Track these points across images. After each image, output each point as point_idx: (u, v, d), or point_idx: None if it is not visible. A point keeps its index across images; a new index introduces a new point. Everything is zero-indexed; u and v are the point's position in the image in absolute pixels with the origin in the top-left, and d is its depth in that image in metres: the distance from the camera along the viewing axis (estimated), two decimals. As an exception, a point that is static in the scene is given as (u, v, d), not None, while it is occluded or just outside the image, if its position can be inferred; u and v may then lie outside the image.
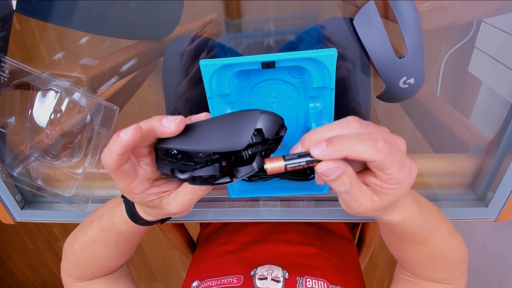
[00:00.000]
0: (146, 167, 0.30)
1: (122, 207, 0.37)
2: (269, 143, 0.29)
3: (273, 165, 0.27)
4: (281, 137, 0.30)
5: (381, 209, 0.28)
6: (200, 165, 0.28)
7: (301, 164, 0.26)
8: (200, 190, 0.32)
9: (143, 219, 0.36)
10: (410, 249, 0.38)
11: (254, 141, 0.27)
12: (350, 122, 0.26)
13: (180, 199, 0.32)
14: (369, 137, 0.24)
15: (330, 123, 0.27)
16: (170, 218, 0.40)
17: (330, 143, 0.24)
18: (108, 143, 0.26)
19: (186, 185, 0.32)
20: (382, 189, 0.26)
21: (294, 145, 0.40)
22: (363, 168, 0.29)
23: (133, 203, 0.37)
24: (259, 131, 0.27)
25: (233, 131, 0.27)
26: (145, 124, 0.27)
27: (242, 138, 0.27)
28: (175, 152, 0.28)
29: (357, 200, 0.27)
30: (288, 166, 0.26)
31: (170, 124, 0.27)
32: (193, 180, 0.29)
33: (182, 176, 0.28)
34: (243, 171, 0.29)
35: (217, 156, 0.27)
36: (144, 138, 0.28)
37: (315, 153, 0.25)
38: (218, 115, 0.29)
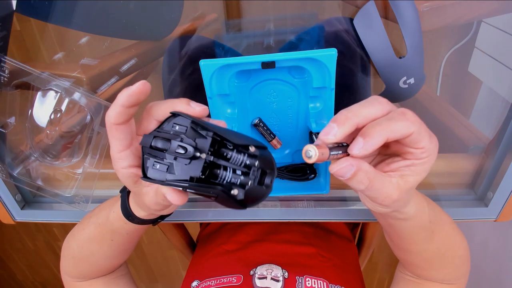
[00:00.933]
0: None
1: (119, 203, 0.37)
2: (251, 176, 0.27)
3: (322, 155, 0.24)
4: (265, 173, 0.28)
5: (406, 194, 0.28)
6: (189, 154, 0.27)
7: (337, 154, 0.25)
8: (161, 201, 0.30)
9: (135, 216, 0.36)
10: (418, 250, 0.38)
11: (248, 161, 0.27)
12: (379, 99, 0.26)
13: (160, 192, 0.31)
14: (397, 113, 0.24)
15: (359, 104, 0.26)
16: (162, 219, 0.40)
17: (366, 135, 0.24)
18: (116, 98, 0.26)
19: (157, 189, 0.31)
20: (412, 167, 0.26)
21: (294, 145, 0.40)
22: (379, 160, 0.29)
23: (128, 198, 0.36)
24: (253, 157, 0.27)
25: (240, 137, 0.27)
26: (170, 99, 0.28)
27: (243, 141, 0.27)
28: (184, 130, 0.27)
29: (382, 192, 0.26)
30: (331, 157, 0.25)
31: (196, 106, 0.28)
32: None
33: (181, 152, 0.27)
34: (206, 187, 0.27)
35: (218, 138, 0.27)
36: (163, 108, 0.28)
37: (357, 151, 0.23)
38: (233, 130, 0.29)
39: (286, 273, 0.46)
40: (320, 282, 0.45)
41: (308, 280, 0.45)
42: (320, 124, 0.36)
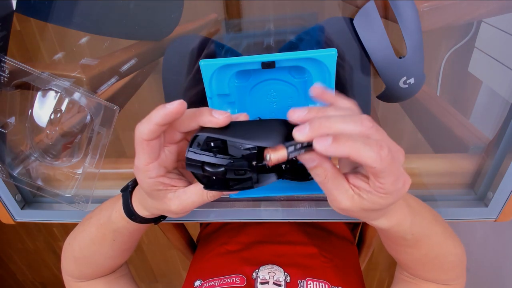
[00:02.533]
0: (169, 154, 0.30)
1: (120, 203, 0.37)
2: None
3: (277, 156, 0.26)
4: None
5: (360, 211, 0.28)
6: (234, 160, 0.28)
7: (301, 152, 0.26)
8: (207, 196, 0.31)
9: (138, 215, 0.36)
10: (403, 251, 0.39)
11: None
12: (364, 121, 0.26)
13: (185, 198, 0.31)
14: (375, 143, 0.24)
15: (344, 114, 0.26)
16: (164, 218, 0.40)
17: (336, 140, 0.24)
18: (149, 114, 0.27)
19: (194, 187, 0.31)
20: (369, 194, 0.26)
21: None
22: (356, 170, 0.29)
23: (130, 198, 0.36)
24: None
25: (269, 133, 0.28)
26: (192, 110, 0.28)
27: (277, 139, 0.27)
28: (212, 145, 0.28)
29: (333, 195, 0.27)
30: (290, 155, 0.26)
31: (219, 115, 0.28)
32: (212, 185, 0.30)
33: (211, 169, 0.28)
34: (265, 178, 0.30)
35: (255, 151, 0.28)
36: (185, 121, 0.28)
37: (318, 147, 0.24)
38: (253, 120, 0.30)
39: (288, 277, 0.46)
40: (322, 285, 0.45)
41: (310, 284, 0.45)
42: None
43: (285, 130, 0.28)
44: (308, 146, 0.26)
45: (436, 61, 0.56)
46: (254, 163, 0.28)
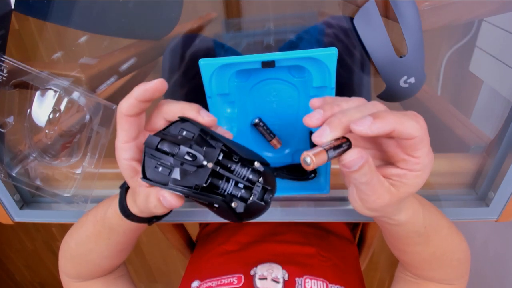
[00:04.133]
0: None
1: (117, 200, 0.37)
2: (254, 191, 0.28)
3: (318, 160, 0.24)
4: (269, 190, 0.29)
5: (397, 202, 0.28)
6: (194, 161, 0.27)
7: (335, 154, 0.25)
8: (151, 207, 0.30)
9: (130, 212, 0.36)
10: (413, 251, 0.38)
11: (251, 176, 0.28)
12: (376, 105, 0.25)
13: (142, 198, 0.31)
14: (410, 114, 0.24)
15: (358, 104, 0.26)
16: (158, 219, 0.40)
17: (377, 117, 0.23)
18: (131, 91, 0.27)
19: (148, 193, 0.30)
20: (403, 178, 0.26)
21: (294, 144, 0.40)
22: (379, 162, 0.29)
23: (125, 194, 0.36)
24: (257, 172, 0.28)
25: (245, 150, 0.28)
26: (184, 102, 0.29)
27: (250, 156, 0.27)
28: (184, 133, 0.28)
29: (376, 191, 0.26)
30: (330, 157, 0.25)
31: (205, 116, 0.28)
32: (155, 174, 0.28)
33: (165, 148, 0.27)
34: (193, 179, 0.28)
35: (226, 150, 0.28)
36: (174, 111, 0.29)
37: (362, 128, 0.23)
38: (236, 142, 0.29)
39: (286, 275, 0.46)
40: (320, 283, 0.45)
41: (308, 281, 0.45)
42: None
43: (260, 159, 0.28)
44: (346, 145, 0.25)
45: (436, 60, 0.56)
46: (210, 164, 0.27)
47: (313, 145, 0.38)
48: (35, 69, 0.39)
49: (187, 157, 0.27)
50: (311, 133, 0.38)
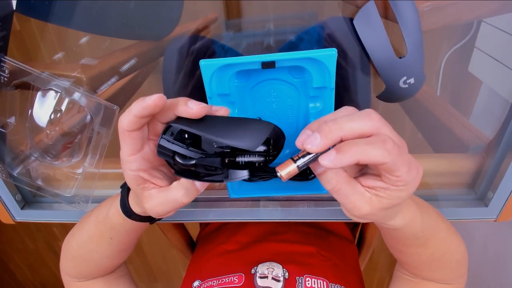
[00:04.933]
0: (154, 148, 0.31)
1: (119, 200, 0.37)
2: (270, 155, 0.30)
3: (287, 170, 0.27)
4: (278, 154, 0.32)
5: (380, 212, 0.28)
6: (206, 155, 0.28)
7: (311, 162, 0.27)
8: (181, 200, 0.31)
9: (133, 212, 0.36)
10: (411, 252, 0.38)
11: (261, 150, 0.29)
12: (371, 114, 0.26)
13: (160, 199, 0.31)
14: (378, 139, 0.24)
15: (350, 113, 0.27)
16: (159, 219, 0.40)
17: (340, 151, 0.24)
18: (130, 106, 0.27)
19: (171, 189, 0.31)
20: (387, 191, 0.26)
21: (294, 145, 0.40)
22: (363, 173, 0.29)
23: (127, 194, 0.36)
24: (267, 143, 0.28)
25: (247, 133, 0.28)
26: (170, 100, 0.28)
27: (256, 142, 0.27)
28: (186, 136, 0.29)
29: (350, 201, 0.27)
30: (300, 167, 0.27)
31: (193, 106, 0.28)
32: (183, 172, 0.30)
33: (181, 161, 0.29)
34: (237, 174, 0.30)
35: (228, 150, 0.28)
36: (165, 112, 0.29)
37: (325, 163, 0.24)
38: (235, 116, 0.30)
39: (287, 273, 0.46)
40: (320, 282, 0.45)
41: (308, 280, 0.45)
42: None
43: (264, 132, 0.28)
44: (307, 155, 0.27)
45: (436, 61, 0.56)
46: (226, 160, 0.29)
47: None
48: (36, 70, 0.39)
49: (206, 171, 0.30)
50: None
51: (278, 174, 0.27)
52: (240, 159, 0.30)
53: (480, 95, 0.55)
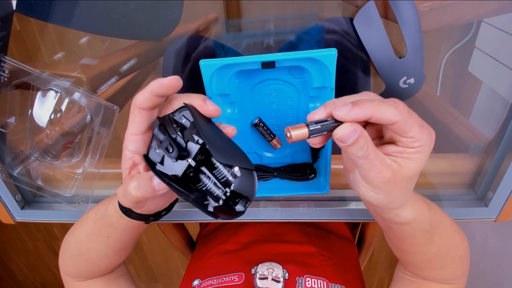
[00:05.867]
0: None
1: (117, 198, 0.37)
2: (226, 197, 0.28)
3: (297, 132, 0.26)
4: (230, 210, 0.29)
5: (401, 181, 0.28)
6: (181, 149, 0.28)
7: (324, 130, 0.26)
8: (131, 192, 0.30)
9: (128, 209, 0.36)
10: (418, 251, 0.38)
11: (229, 179, 0.28)
12: (369, 93, 0.28)
13: (122, 187, 0.31)
14: (390, 100, 0.26)
15: (350, 95, 0.28)
16: (156, 218, 0.40)
17: (356, 104, 0.25)
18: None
19: (129, 178, 0.31)
20: (404, 154, 0.26)
21: (294, 145, 0.40)
22: (380, 142, 0.30)
23: None
24: (235, 177, 0.28)
25: (232, 152, 0.28)
26: (190, 94, 0.30)
27: (228, 159, 0.27)
28: (183, 121, 0.29)
29: (375, 166, 0.27)
30: (311, 134, 0.26)
31: (210, 105, 0.29)
32: (150, 160, 0.29)
33: (160, 137, 0.28)
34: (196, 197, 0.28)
35: (200, 145, 0.28)
36: (180, 102, 0.30)
37: (340, 113, 0.25)
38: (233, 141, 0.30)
39: (287, 274, 0.46)
40: (320, 282, 0.45)
41: (308, 280, 0.45)
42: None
43: (243, 162, 0.28)
44: (326, 122, 0.26)
45: (436, 61, 0.56)
46: (189, 159, 0.28)
47: (313, 148, 0.38)
48: (36, 70, 0.39)
49: (167, 147, 0.28)
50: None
51: (288, 134, 0.26)
52: (204, 180, 0.29)
53: (480, 95, 0.55)
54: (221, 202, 0.28)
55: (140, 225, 0.39)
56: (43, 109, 0.42)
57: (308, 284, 0.45)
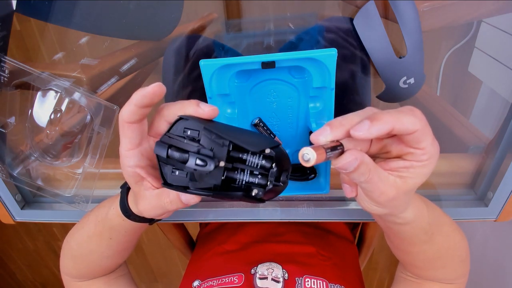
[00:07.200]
0: (153, 145, 0.30)
1: (118, 200, 0.37)
2: (271, 178, 0.28)
3: (318, 156, 0.23)
4: (279, 182, 0.28)
5: (404, 196, 0.27)
6: (202, 148, 0.27)
7: (336, 154, 0.25)
8: (167, 207, 0.31)
9: (132, 212, 0.36)
10: (418, 251, 0.38)
11: (264, 163, 0.27)
12: (373, 109, 0.26)
13: (152, 202, 0.31)
14: (406, 109, 0.24)
15: (354, 113, 0.26)
16: (158, 220, 0.40)
17: (373, 119, 0.24)
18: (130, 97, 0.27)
19: (160, 194, 0.31)
20: (411, 169, 0.26)
21: (294, 145, 0.40)
22: (384, 157, 0.29)
23: (127, 195, 0.36)
24: (270, 159, 0.27)
25: (252, 138, 0.28)
26: (181, 101, 0.29)
27: (260, 145, 0.27)
28: (189, 132, 0.28)
29: (379, 188, 0.26)
30: (328, 156, 0.24)
31: (205, 107, 0.28)
32: (169, 183, 0.28)
33: (175, 152, 0.27)
34: (229, 193, 0.28)
35: (226, 146, 0.27)
36: (173, 111, 0.29)
37: (361, 133, 0.23)
38: (240, 127, 0.29)
39: (286, 274, 0.46)
40: (320, 282, 0.45)
41: (308, 281, 0.45)
42: (320, 124, 0.36)
43: (268, 142, 0.28)
44: (334, 150, 0.25)
45: (436, 61, 0.56)
46: (222, 163, 0.27)
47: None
48: (36, 70, 0.39)
49: (198, 162, 0.27)
50: (311, 133, 0.38)
51: (307, 153, 0.23)
52: (239, 176, 0.28)
53: (480, 95, 0.55)
54: (269, 186, 0.27)
55: (142, 226, 0.40)
56: (43, 109, 0.42)
57: (308, 284, 0.45)
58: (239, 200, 0.28)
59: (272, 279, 0.45)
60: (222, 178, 0.27)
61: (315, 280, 0.45)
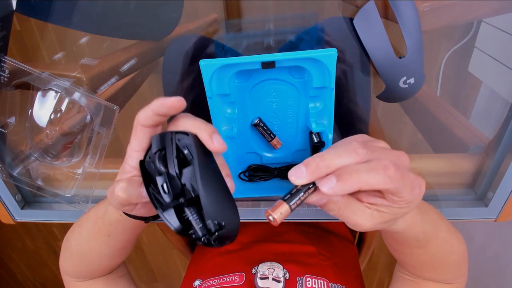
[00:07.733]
0: None
1: None
2: (209, 236, 0.27)
3: (281, 214, 0.26)
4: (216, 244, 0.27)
5: (382, 225, 0.28)
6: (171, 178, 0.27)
7: (303, 200, 0.27)
8: (117, 193, 0.29)
9: None
10: (412, 253, 0.38)
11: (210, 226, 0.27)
12: (357, 149, 0.25)
13: (128, 183, 0.30)
14: (379, 166, 0.24)
15: (336, 148, 0.26)
16: (154, 219, 0.40)
17: (340, 178, 0.24)
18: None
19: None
20: (389, 207, 0.26)
21: (294, 145, 0.40)
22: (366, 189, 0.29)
23: None
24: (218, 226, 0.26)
25: (222, 204, 0.27)
26: (200, 120, 0.29)
27: (216, 216, 0.26)
28: (189, 158, 0.27)
29: (352, 220, 0.27)
30: (293, 206, 0.26)
31: (216, 142, 0.28)
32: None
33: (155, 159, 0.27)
34: (170, 216, 0.27)
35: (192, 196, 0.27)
36: (187, 126, 0.29)
37: (326, 189, 0.24)
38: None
39: (287, 274, 0.46)
40: (321, 282, 0.45)
41: (309, 280, 0.45)
42: (320, 124, 0.36)
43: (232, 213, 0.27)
44: (307, 190, 0.27)
45: (436, 61, 0.56)
46: (182, 200, 0.27)
47: (313, 146, 0.38)
48: (36, 70, 0.39)
49: (164, 185, 0.27)
50: (311, 133, 0.38)
51: (270, 217, 0.26)
52: (188, 212, 0.27)
53: (480, 95, 0.55)
54: (204, 240, 0.27)
55: (140, 224, 0.39)
56: (43, 109, 0.42)
57: (309, 284, 0.45)
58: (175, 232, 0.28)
59: (273, 279, 0.45)
60: (173, 206, 0.27)
61: (316, 280, 0.45)
